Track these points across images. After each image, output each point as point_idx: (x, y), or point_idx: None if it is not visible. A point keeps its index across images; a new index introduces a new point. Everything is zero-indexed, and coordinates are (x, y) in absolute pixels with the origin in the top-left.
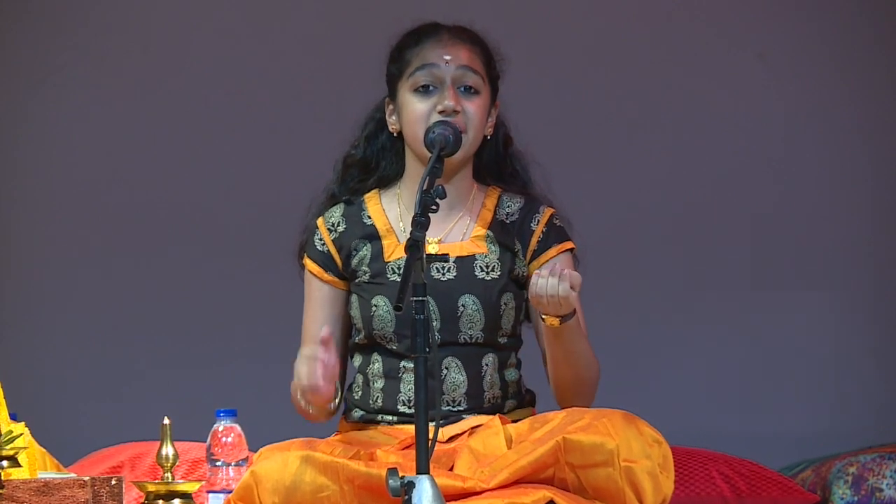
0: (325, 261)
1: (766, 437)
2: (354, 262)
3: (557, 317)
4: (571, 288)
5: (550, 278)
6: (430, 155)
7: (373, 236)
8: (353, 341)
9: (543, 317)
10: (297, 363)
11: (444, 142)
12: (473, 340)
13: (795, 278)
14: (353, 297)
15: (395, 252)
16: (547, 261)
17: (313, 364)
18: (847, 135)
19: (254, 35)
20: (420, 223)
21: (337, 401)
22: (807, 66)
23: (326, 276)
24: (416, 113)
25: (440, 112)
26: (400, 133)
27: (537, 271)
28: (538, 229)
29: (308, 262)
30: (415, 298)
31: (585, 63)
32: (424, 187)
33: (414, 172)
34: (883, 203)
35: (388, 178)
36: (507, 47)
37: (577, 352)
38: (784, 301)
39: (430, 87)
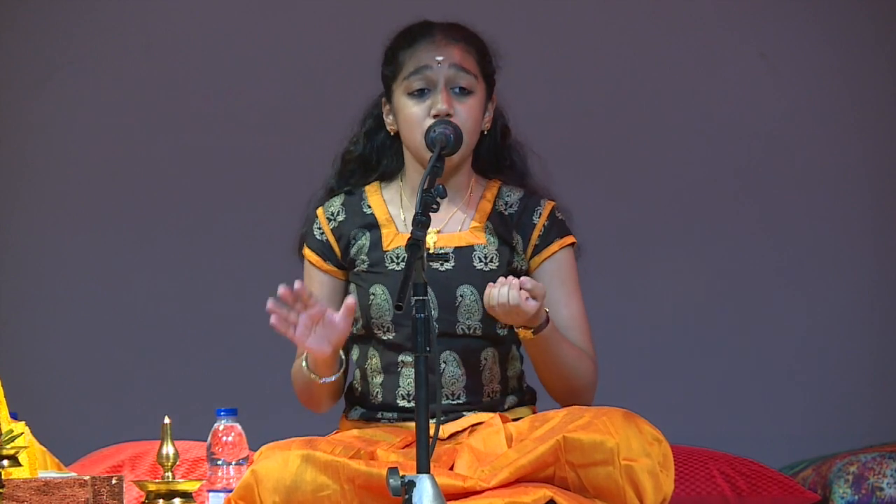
0: (324, 250)
1: (767, 436)
2: (353, 251)
3: (528, 328)
4: (534, 298)
5: (502, 287)
6: (426, 156)
7: (372, 225)
8: (351, 332)
9: (516, 329)
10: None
11: (444, 141)
12: (472, 331)
13: (795, 278)
14: (352, 287)
15: (393, 241)
16: (549, 255)
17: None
18: (848, 134)
19: (254, 34)
20: (421, 222)
21: (337, 376)
22: (808, 66)
23: (325, 265)
24: (411, 117)
25: (434, 116)
26: (397, 132)
27: (490, 283)
28: (540, 223)
29: (307, 252)
30: (415, 297)
31: (587, 61)
32: (425, 186)
33: (412, 172)
34: (883, 202)
35: (389, 175)
36: (508, 46)
37: (559, 361)
38: (784, 300)
39: (424, 90)
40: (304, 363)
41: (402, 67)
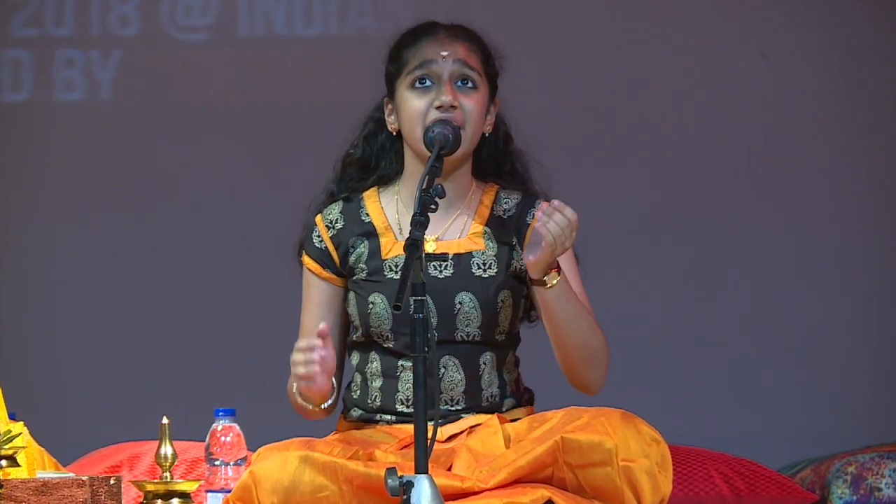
0: (323, 258)
1: (765, 436)
2: (352, 259)
3: (547, 273)
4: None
5: (556, 215)
6: (428, 152)
7: (370, 234)
8: (350, 339)
9: (538, 284)
10: (293, 356)
11: (443, 141)
12: (470, 338)
13: (795, 277)
14: (351, 295)
15: (392, 249)
16: None
17: (309, 354)
18: (848, 134)
19: (255, 33)
20: (419, 222)
21: (333, 399)
22: (808, 66)
23: (324, 273)
24: (413, 109)
25: (437, 108)
26: (399, 132)
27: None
28: (534, 222)
29: (306, 260)
30: (413, 298)
31: (587, 61)
32: (423, 186)
33: (413, 171)
34: (883, 202)
35: (387, 178)
36: (508, 45)
37: (575, 315)
38: (784, 300)
39: (428, 84)
40: (297, 397)
41: (407, 63)
